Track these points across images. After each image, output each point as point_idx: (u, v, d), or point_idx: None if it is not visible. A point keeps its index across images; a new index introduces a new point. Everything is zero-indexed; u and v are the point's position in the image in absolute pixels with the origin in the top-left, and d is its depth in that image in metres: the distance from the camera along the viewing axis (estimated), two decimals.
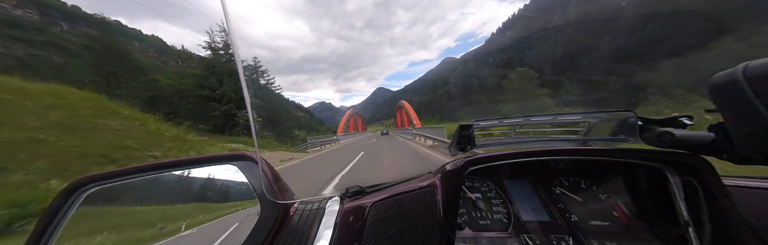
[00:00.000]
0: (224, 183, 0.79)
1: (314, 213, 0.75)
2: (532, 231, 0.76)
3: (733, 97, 0.42)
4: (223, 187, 0.80)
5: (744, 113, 0.42)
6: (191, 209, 0.72)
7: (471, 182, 0.91)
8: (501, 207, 0.84)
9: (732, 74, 0.42)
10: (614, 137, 0.81)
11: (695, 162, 0.58)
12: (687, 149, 0.59)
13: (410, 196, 0.66)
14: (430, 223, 0.58)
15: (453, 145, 0.97)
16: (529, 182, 0.91)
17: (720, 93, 0.45)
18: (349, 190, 0.82)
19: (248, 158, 0.76)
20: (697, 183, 0.58)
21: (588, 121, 0.95)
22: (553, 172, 0.90)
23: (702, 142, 0.55)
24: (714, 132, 0.53)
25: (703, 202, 0.57)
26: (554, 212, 0.81)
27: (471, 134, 0.90)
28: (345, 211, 0.69)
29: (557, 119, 0.97)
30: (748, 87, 0.40)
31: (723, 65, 0.45)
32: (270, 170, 0.74)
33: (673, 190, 0.63)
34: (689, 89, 28.71)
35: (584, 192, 0.83)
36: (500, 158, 0.68)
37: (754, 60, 0.41)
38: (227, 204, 0.77)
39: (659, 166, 0.65)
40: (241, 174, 0.73)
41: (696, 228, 0.58)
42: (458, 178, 0.63)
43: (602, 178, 0.84)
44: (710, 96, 0.47)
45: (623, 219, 0.75)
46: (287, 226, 0.69)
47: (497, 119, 0.99)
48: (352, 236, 0.59)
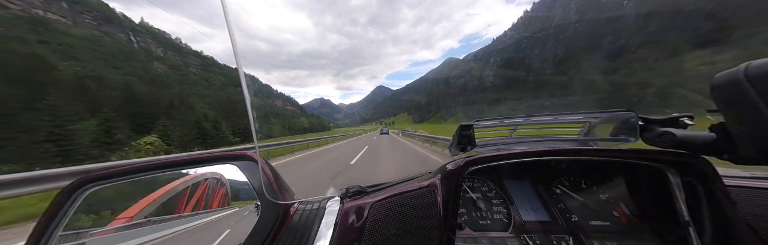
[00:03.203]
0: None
1: (314, 213, 0.75)
2: (533, 231, 0.75)
3: (735, 97, 0.42)
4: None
5: (745, 113, 0.42)
6: (191, 208, 0.71)
7: (471, 182, 0.91)
8: (501, 207, 0.84)
9: (734, 74, 0.42)
10: (615, 137, 0.81)
11: (696, 163, 0.58)
12: (688, 149, 0.59)
13: (410, 196, 0.66)
14: (431, 223, 0.58)
15: (453, 145, 0.97)
16: (530, 183, 0.90)
17: (721, 93, 0.45)
18: (350, 190, 0.82)
19: (248, 157, 0.76)
20: (697, 184, 0.58)
21: (588, 121, 0.95)
22: (554, 172, 0.90)
23: (703, 142, 0.55)
24: (715, 132, 0.52)
25: (703, 202, 0.57)
26: (555, 212, 0.80)
27: (471, 134, 0.89)
28: (345, 211, 0.68)
29: (558, 119, 0.96)
30: (750, 87, 0.40)
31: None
32: (270, 169, 0.74)
33: (674, 190, 0.63)
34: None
35: (585, 192, 0.83)
36: (500, 158, 0.68)
37: (755, 60, 0.41)
38: (227, 204, 0.76)
39: (660, 166, 0.65)
40: (241, 174, 0.73)
41: (696, 228, 0.58)
42: (458, 178, 0.63)
43: (603, 178, 0.84)
44: (712, 96, 0.47)
45: (624, 220, 0.75)
46: (287, 226, 0.69)
47: (497, 119, 0.99)
48: (353, 236, 0.59)
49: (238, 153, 0.77)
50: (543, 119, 0.99)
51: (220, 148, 25.15)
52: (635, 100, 73.96)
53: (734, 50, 66.76)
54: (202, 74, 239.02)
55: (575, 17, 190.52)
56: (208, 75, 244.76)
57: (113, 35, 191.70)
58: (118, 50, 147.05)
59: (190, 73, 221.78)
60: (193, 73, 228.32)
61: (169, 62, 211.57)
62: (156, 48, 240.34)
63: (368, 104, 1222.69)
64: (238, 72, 0.60)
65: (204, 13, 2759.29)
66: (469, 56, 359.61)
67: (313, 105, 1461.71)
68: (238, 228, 0.68)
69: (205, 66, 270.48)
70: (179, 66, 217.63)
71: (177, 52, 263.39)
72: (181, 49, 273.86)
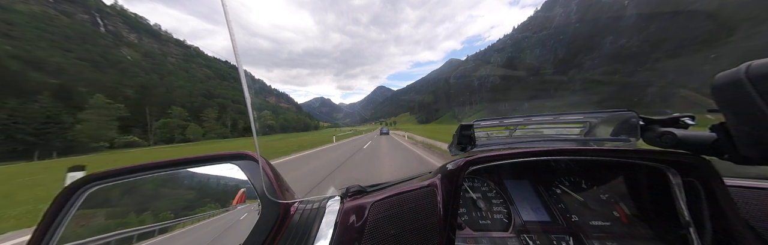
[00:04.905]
0: (225, 182, 0.79)
1: (315, 213, 0.75)
2: (533, 231, 0.75)
3: (736, 97, 0.42)
4: (224, 186, 0.79)
5: (746, 113, 0.42)
6: (192, 208, 0.72)
7: (471, 182, 0.91)
8: (501, 207, 0.84)
9: (735, 74, 0.42)
10: (615, 137, 0.81)
11: (697, 163, 0.58)
12: (688, 149, 0.58)
13: (411, 196, 0.66)
14: (431, 223, 0.58)
15: (454, 145, 0.98)
16: (530, 183, 0.91)
17: (722, 93, 0.45)
18: (350, 189, 0.82)
19: (249, 157, 0.77)
20: (698, 184, 0.58)
21: (589, 121, 0.95)
22: (554, 172, 0.90)
23: (704, 142, 0.55)
24: (716, 132, 0.52)
25: (704, 203, 0.57)
26: (555, 212, 0.80)
27: (472, 134, 0.90)
28: (345, 210, 0.68)
29: (558, 118, 0.97)
30: (751, 87, 0.39)
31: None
32: (271, 169, 0.74)
33: (675, 190, 0.63)
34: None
35: (585, 192, 0.83)
36: (501, 158, 0.68)
37: (756, 60, 0.41)
38: (228, 203, 0.76)
39: (661, 166, 0.65)
40: (242, 173, 0.74)
41: (697, 228, 0.58)
42: (459, 178, 0.63)
43: (603, 178, 0.84)
44: (713, 96, 0.47)
45: (624, 220, 0.75)
46: (288, 225, 0.69)
47: (498, 118, 0.99)
48: (353, 235, 0.59)
49: (240, 153, 0.77)
50: (543, 119, 0.99)
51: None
52: (636, 100, 73.85)
53: (735, 51, 63.14)
54: (182, 65, 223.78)
55: (575, 17, 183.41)
56: (190, 66, 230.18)
57: (74, 16, 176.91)
58: (76, 32, 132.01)
59: (167, 62, 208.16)
60: (170, 63, 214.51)
61: (142, 50, 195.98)
62: (128, 33, 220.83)
63: (368, 104, 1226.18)
64: (239, 72, 0.58)
65: (205, 9, 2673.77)
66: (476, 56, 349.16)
67: (313, 104, 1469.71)
68: (239, 226, 0.68)
69: (187, 56, 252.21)
70: (155, 54, 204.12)
71: (155, 40, 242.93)
72: (160, 36, 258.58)
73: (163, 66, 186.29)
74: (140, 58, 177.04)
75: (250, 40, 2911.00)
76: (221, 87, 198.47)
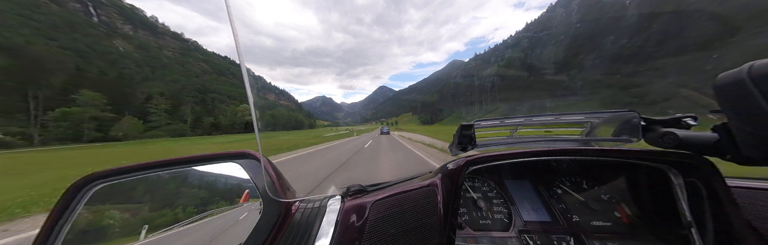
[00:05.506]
0: (227, 181, 0.79)
1: (315, 212, 0.75)
2: (533, 231, 0.75)
3: (738, 97, 0.42)
4: (226, 185, 0.80)
5: (749, 114, 0.42)
6: (194, 206, 0.73)
7: (472, 182, 0.91)
8: (502, 207, 0.84)
9: (737, 74, 0.42)
10: (617, 137, 0.80)
11: (698, 163, 0.58)
12: (690, 149, 0.58)
13: (411, 195, 0.66)
14: (431, 222, 0.58)
15: (454, 145, 0.97)
16: (531, 183, 0.90)
17: (725, 93, 0.45)
18: (350, 189, 0.82)
19: (251, 156, 0.77)
20: (700, 184, 0.58)
21: (590, 121, 0.94)
22: (555, 172, 0.90)
23: (706, 143, 0.54)
24: (718, 133, 0.52)
25: (706, 203, 0.56)
26: (555, 212, 0.80)
27: (472, 134, 0.89)
28: (346, 210, 0.68)
29: (559, 118, 0.96)
30: (754, 87, 0.39)
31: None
32: (273, 168, 0.75)
33: (676, 191, 0.63)
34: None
35: (586, 193, 0.83)
36: (501, 157, 0.68)
37: (759, 60, 0.40)
38: (230, 202, 0.77)
39: (662, 167, 0.65)
40: (244, 172, 0.74)
41: (699, 229, 0.58)
42: (459, 177, 0.63)
43: (604, 178, 0.84)
44: (715, 96, 0.46)
45: (625, 220, 0.75)
46: (289, 224, 0.70)
47: (499, 118, 0.99)
48: (353, 234, 0.59)
49: (242, 152, 0.78)
50: (544, 119, 0.98)
51: None
52: (637, 100, 71.94)
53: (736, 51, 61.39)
54: (178, 58, 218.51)
55: (576, 17, 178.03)
56: (186, 60, 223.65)
57: (64, 4, 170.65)
58: (65, 21, 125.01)
59: (162, 56, 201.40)
60: (166, 56, 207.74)
61: (136, 42, 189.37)
62: (123, 24, 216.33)
63: (369, 104, 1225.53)
64: (241, 70, 0.57)
65: (211, 7, 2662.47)
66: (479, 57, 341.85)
67: (314, 103, 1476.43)
68: (240, 225, 0.68)
69: (184, 50, 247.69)
70: (150, 47, 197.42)
71: (151, 32, 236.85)
72: (156, 28, 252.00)
73: (157, 59, 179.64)
74: (133, 50, 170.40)
75: (254, 38, 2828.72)
76: (217, 82, 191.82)
